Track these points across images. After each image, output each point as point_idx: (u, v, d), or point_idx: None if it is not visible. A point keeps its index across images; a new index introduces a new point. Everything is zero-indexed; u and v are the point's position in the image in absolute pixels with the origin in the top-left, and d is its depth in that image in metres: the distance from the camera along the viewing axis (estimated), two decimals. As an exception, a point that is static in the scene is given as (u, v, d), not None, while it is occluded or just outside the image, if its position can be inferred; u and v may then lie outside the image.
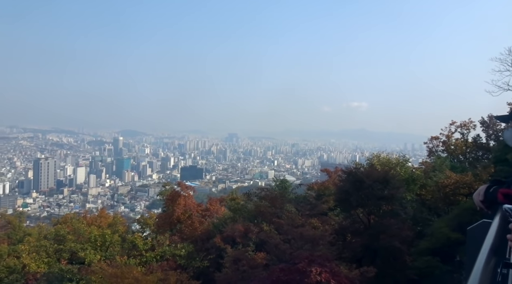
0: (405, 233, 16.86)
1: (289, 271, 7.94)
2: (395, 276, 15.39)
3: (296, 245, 14.20)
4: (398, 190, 18.19)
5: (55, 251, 21.65)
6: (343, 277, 7.64)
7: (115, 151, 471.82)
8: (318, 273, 7.29)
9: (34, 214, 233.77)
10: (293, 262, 8.65)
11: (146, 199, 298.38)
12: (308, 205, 22.91)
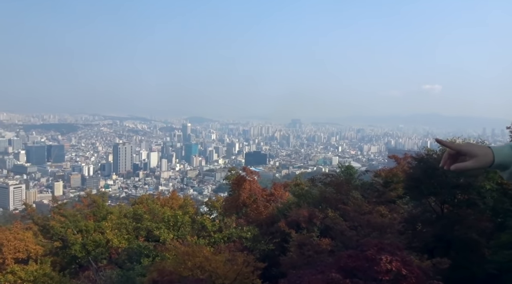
0: (484, 225, 15.66)
1: (357, 257, 7.82)
2: (471, 269, 14.45)
3: (363, 232, 13.92)
4: (476, 178, 16.86)
5: (134, 229, 23.57)
6: (415, 267, 7.35)
7: (184, 136, 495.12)
8: (388, 261, 7.10)
9: (114, 194, 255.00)
10: (361, 249, 8.50)
11: (213, 183, 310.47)
12: (375, 192, 22.19)
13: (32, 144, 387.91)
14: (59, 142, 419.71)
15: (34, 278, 18.58)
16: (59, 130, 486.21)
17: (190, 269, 12.42)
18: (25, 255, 24.10)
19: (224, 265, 12.38)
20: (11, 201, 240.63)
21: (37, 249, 24.84)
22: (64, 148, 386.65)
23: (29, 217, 29.42)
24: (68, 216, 26.93)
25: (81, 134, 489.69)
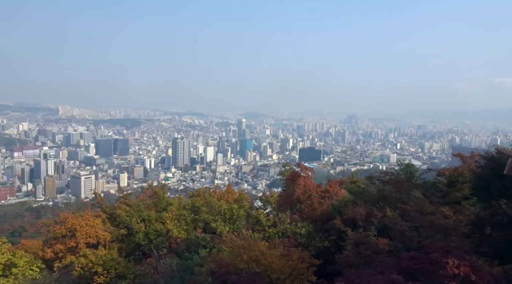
0: None
1: (420, 260, 7.47)
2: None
3: (425, 234, 13.25)
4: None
5: (192, 220, 24.54)
6: (485, 272, 6.85)
7: (238, 132, 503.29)
8: (455, 265, 6.69)
9: (173, 186, 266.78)
10: (424, 251, 8.11)
11: (267, 178, 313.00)
12: (439, 192, 20.99)
13: (100, 138, 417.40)
14: (124, 136, 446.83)
15: (103, 262, 20.06)
16: (124, 125, 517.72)
17: (246, 262, 12.69)
18: (95, 240, 26.10)
19: (279, 260, 12.47)
20: (83, 190, 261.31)
21: (105, 235, 26.79)
22: (128, 142, 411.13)
23: (98, 205, 31.71)
24: (132, 206, 28.68)
25: (143, 128, 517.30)
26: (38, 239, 37.82)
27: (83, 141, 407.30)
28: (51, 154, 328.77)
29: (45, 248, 27.97)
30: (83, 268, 20.40)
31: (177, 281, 15.78)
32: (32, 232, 76.10)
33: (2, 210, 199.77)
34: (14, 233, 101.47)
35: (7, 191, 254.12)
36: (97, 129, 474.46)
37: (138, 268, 20.71)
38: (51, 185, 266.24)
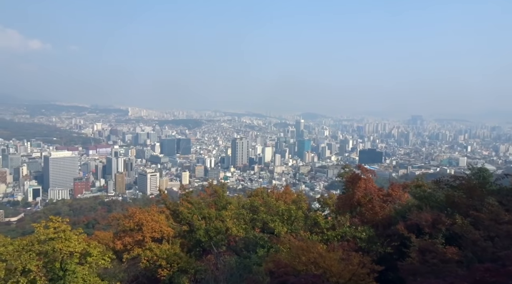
0: None
1: (497, 272, 6.87)
2: None
3: (500, 244, 12.17)
4: None
5: (250, 220, 24.89)
6: None
7: (297, 132, 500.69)
8: (537, 280, 6.08)
9: (232, 186, 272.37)
10: (502, 263, 7.45)
11: (325, 180, 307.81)
12: (517, 199, 19.14)
13: (165, 137, 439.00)
14: (186, 136, 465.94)
15: (167, 256, 21.11)
16: (186, 125, 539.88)
17: (304, 263, 12.60)
18: (159, 235, 27.48)
19: (338, 264, 12.21)
20: (148, 186, 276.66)
21: (169, 231, 28.09)
22: (190, 142, 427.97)
23: (162, 202, 33.35)
24: (194, 204, 29.78)
25: (204, 128, 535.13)
26: (109, 231, 40.72)
27: (149, 140, 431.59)
28: (121, 152, 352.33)
29: (115, 240, 30.01)
30: (149, 260, 21.62)
31: (236, 279, 16.10)
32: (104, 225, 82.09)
33: (79, 203, 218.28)
34: (88, 224, 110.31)
35: (83, 186, 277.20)
36: (162, 129, 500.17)
37: (199, 264, 21.45)
38: (120, 181, 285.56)
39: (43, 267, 18.43)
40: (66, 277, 17.76)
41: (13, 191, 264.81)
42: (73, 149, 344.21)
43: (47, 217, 21.29)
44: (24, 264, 17.42)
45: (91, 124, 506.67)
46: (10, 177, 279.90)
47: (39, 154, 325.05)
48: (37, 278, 17.53)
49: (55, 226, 19.20)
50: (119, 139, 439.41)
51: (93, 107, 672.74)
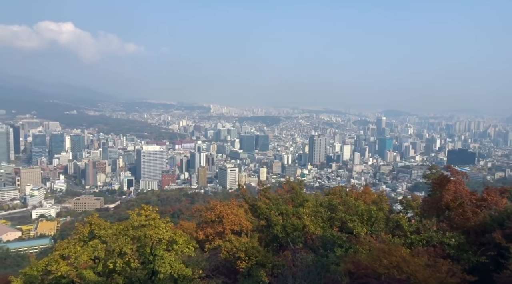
0: None
1: None
2: None
3: None
4: None
5: (328, 218, 24.54)
6: None
7: (378, 130, 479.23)
8: None
9: (309, 183, 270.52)
10: None
11: (408, 181, 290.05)
12: None
13: (244, 134, 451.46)
14: (265, 132, 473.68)
15: (245, 249, 21.75)
16: (264, 122, 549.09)
17: (386, 267, 12.08)
18: (238, 228, 28.47)
19: (424, 270, 11.47)
20: (228, 181, 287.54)
21: (247, 224, 28.96)
22: (268, 138, 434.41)
23: (242, 196, 34.41)
24: (271, 199, 30.26)
25: (282, 125, 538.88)
26: (192, 221, 43.22)
27: (229, 136, 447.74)
28: (204, 147, 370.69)
29: (198, 230, 31.84)
30: (228, 252, 22.52)
31: (314, 277, 16.04)
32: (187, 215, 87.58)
33: (166, 194, 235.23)
34: (174, 214, 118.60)
35: (170, 178, 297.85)
36: (241, 125, 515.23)
37: (276, 259, 21.76)
38: (203, 175, 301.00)
39: (136, 250, 20.28)
40: (155, 261, 19.37)
41: (111, 181, 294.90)
42: (161, 143, 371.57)
43: (139, 205, 23.35)
44: (120, 247, 19.36)
45: (177, 121, 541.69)
46: (108, 168, 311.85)
47: (132, 148, 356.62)
48: (131, 260, 19.37)
49: (147, 214, 21.00)
50: (201, 134, 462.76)
51: (179, 104, 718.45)
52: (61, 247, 20.01)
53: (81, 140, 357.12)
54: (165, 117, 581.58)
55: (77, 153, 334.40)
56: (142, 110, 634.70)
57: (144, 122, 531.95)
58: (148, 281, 20.10)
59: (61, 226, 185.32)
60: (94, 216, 21.56)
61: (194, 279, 20.39)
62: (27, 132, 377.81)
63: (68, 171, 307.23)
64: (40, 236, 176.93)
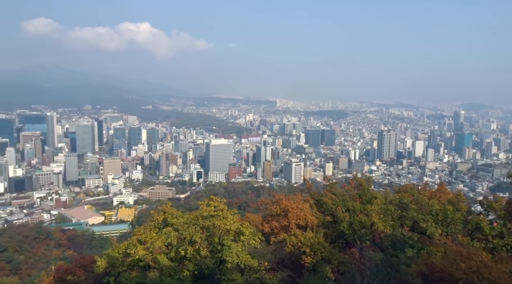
0: None
1: None
2: None
3: None
4: None
5: (399, 217, 23.39)
6: None
7: (455, 125, 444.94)
8: None
9: (377, 180, 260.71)
10: None
11: (489, 180, 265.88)
12: None
13: (310, 128, 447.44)
14: (331, 127, 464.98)
15: (311, 244, 21.65)
16: (331, 116, 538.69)
17: (464, 271, 11.22)
18: (304, 222, 28.40)
19: (509, 278, 10.47)
20: (293, 175, 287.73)
21: (312, 219, 28.77)
22: (334, 133, 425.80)
23: (307, 191, 34.11)
24: (338, 195, 29.61)
25: (349, 120, 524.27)
26: (258, 214, 43.99)
27: (295, 130, 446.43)
28: (269, 141, 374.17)
29: (263, 223, 32.34)
30: (294, 246, 22.57)
31: (384, 277, 15.47)
32: (253, 208, 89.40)
33: (232, 187, 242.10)
34: (240, 206, 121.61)
35: (236, 171, 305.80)
36: (307, 120, 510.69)
37: (342, 256, 21.36)
38: (268, 169, 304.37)
39: (205, 239, 21.19)
40: (223, 251, 20.07)
41: (181, 172, 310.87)
42: (228, 137, 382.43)
43: (208, 196, 24.33)
44: (191, 235, 20.36)
45: (244, 115, 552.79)
46: (180, 160, 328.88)
47: (202, 141, 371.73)
48: (200, 248, 20.29)
49: (215, 205, 21.82)
50: (267, 129, 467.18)
51: (246, 99, 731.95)
52: (138, 233, 21.63)
53: (155, 133, 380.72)
54: (233, 111, 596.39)
55: (152, 145, 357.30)
56: (211, 104, 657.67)
57: (212, 117, 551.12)
58: (216, 269, 20.92)
59: (138, 213, 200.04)
60: (168, 205, 22.93)
61: (260, 270, 20.78)
62: (109, 125, 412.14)
63: (144, 162, 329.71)
64: (120, 222, 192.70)
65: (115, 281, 20.93)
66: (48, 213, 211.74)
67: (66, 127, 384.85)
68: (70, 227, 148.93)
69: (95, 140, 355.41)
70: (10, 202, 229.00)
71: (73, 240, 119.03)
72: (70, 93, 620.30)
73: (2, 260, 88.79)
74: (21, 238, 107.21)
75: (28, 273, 79.81)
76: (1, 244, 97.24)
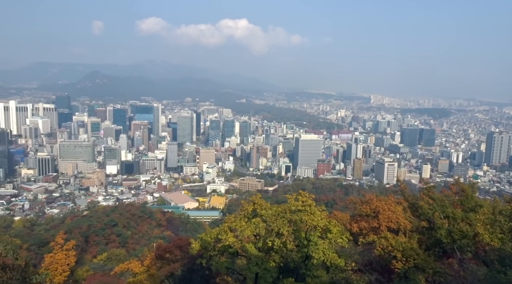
0: None
1: None
2: None
3: None
4: None
5: (509, 230, 20.80)
6: None
7: None
8: None
9: (483, 187, 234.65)
10: None
11: None
12: None
13: (406, 127, 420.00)
14: (431, 126, 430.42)
15: (403, 249, 20.44)
16: (431, 115, 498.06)
17: None
18: (395, 226, 26.95)
19: None
20: (385, 175, 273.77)
21: (406, 223, 27.13)
22: (435, 133, 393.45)
23: (401, 193, 32.24)
24: (436, 200, 27.41)
25: (453, 119, 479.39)
26: (346, 213, 42.90)
27: (389, 129, 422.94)
28: (361, 139, 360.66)
29: (351, 222, 31.46)
30: (384, 249, 21.57)
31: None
32: (341, 206, 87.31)
33: (320, 183, 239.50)
34: (327, 203, 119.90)
35: (325, 167, 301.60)
36: (403, 118, 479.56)
37: (438, 265, 19.82)
38: (358, 167, 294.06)
39: (292, 233, 21.48)
40: (309, 246, 20.13)
41: (271, 165, 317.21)
42: (318, 133, 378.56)
43: (296, 191, 24.56)
44: (278, 228, 20.82)
45: (335, 111, 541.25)
46: (269, 153, 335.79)
47: (291, 136, 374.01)
48: (287, 242, 20.64)
49: (303, 200, 21.94)
50: (359, 126, 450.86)
51: (338, 95, 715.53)
52: (229, 220, 22.81)
53: (248, 126, 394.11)
54: (324, 107, 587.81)
55: (244, 137, 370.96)
56: (302, 99, 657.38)
57: (303, 111, 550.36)
58: (301, 264, 21.12)
59: (228, 202, 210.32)
60: (257, 196, 23.71)
61: (346, 270, 20.39)
62: (206, 117, 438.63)
63: (236, 154, 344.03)
64: (212, 208, 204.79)
65: (206, 263, 22.48)
66: (151, 195, 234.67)
67: (169, 118, 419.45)
68: (169, 209, 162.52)
69: (193, 131, 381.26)
70: (121, 182, 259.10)
71: (171, 222, 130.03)
72: (174, 86, 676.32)
73: (114, 233, 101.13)
74: (129, 215, 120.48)
75: (133, 247, 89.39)
76: (113, 219, 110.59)
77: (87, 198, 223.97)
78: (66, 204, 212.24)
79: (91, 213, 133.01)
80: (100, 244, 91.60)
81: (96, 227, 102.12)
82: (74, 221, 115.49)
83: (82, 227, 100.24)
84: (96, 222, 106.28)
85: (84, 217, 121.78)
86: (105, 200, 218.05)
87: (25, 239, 76.27)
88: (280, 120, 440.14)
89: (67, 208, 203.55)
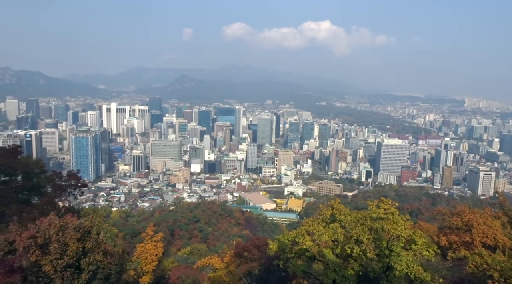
0: None
1: None
2: None
3: None
4: None
5: None
6: None
7: None
8: None
9: None
10: None
11: None
12: None
13: (507, 133, 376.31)
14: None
15: (501, 269, 18.33)
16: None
17: None
18: (492, 242, 24.33)
19: None
20: (480, 185, 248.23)
21: (504, 240, 24.34)
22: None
23: (499, 206, 29.12)
24: (543, 216, 24.21)
25: None
26: (433, 224, 39.80)
27: (486, 134, 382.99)
28: (452, 145, 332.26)
29: (440, 235, 29.12)
30: (477, 267, 19.60)
31: None
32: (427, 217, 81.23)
33: (404, 191, 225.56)
34: (412, 213, 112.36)
35: (410, 174, 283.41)
36: (504, 123, 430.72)
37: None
38: (448, 175, 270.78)
39: (372, 241, 20.59)
40: (391, 256, 19.11)
41: (350, 170, 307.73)
42: (403, 137, 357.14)
43: (376, 197, 23.60)
44: (358, 235, 20.10)
45: (423, 114, 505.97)
46: (349, 157, 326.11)
47: (373, 140, 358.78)
48: (367, 250, 19.84)
49: (386, 207, 20.88)
50: (450, 131, 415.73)
51: (427, 97, 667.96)
52: (307, 224, 22.65)
53: (327, 129, 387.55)
54: (410, 110, 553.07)
55: (323, 141, 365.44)
56: (386, 102, 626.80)
57: (387, 115, 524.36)
58: (382, 274, 20.17)
59: (305, 205, 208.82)
60: (336, 201, 23.17)
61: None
62: (285, 120, 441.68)
63: (314, 157, 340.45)
64: (289, 211, 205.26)
65: (283, 265, 22.65)
66: (231, 194, 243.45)
67: (250, 120, 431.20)
68: (247, 209, 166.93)
69: (273, 133, 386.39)
70: (204, 181, 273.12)
71: (249, 221, 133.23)
72: (255, 88, 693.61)
73: (196, 229, 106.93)
74: (210, 212, 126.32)
75: (213, 244, 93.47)
76: (196, 216, 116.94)
77: (174, 194, 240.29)
78: (155, 199, 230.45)
79: (177, 208, 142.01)
80: (184, 238, 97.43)
81: (181, 222, 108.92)
82: (162, 215, 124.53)
83: (169, 221, 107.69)
84: (181, 217, 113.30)
85: (170, 212, 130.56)
86: (189, 196, 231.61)
87: (121, 228, 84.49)
88: (362, 124, 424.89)
89: (156, 202, 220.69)
